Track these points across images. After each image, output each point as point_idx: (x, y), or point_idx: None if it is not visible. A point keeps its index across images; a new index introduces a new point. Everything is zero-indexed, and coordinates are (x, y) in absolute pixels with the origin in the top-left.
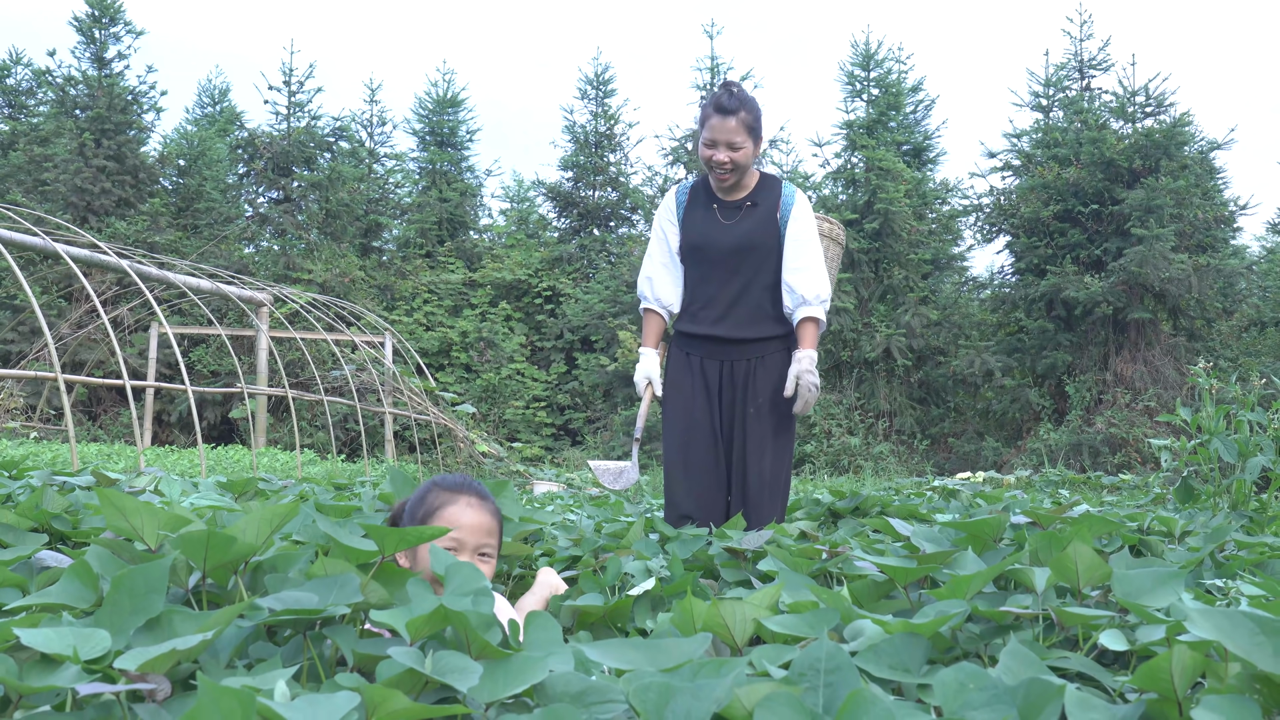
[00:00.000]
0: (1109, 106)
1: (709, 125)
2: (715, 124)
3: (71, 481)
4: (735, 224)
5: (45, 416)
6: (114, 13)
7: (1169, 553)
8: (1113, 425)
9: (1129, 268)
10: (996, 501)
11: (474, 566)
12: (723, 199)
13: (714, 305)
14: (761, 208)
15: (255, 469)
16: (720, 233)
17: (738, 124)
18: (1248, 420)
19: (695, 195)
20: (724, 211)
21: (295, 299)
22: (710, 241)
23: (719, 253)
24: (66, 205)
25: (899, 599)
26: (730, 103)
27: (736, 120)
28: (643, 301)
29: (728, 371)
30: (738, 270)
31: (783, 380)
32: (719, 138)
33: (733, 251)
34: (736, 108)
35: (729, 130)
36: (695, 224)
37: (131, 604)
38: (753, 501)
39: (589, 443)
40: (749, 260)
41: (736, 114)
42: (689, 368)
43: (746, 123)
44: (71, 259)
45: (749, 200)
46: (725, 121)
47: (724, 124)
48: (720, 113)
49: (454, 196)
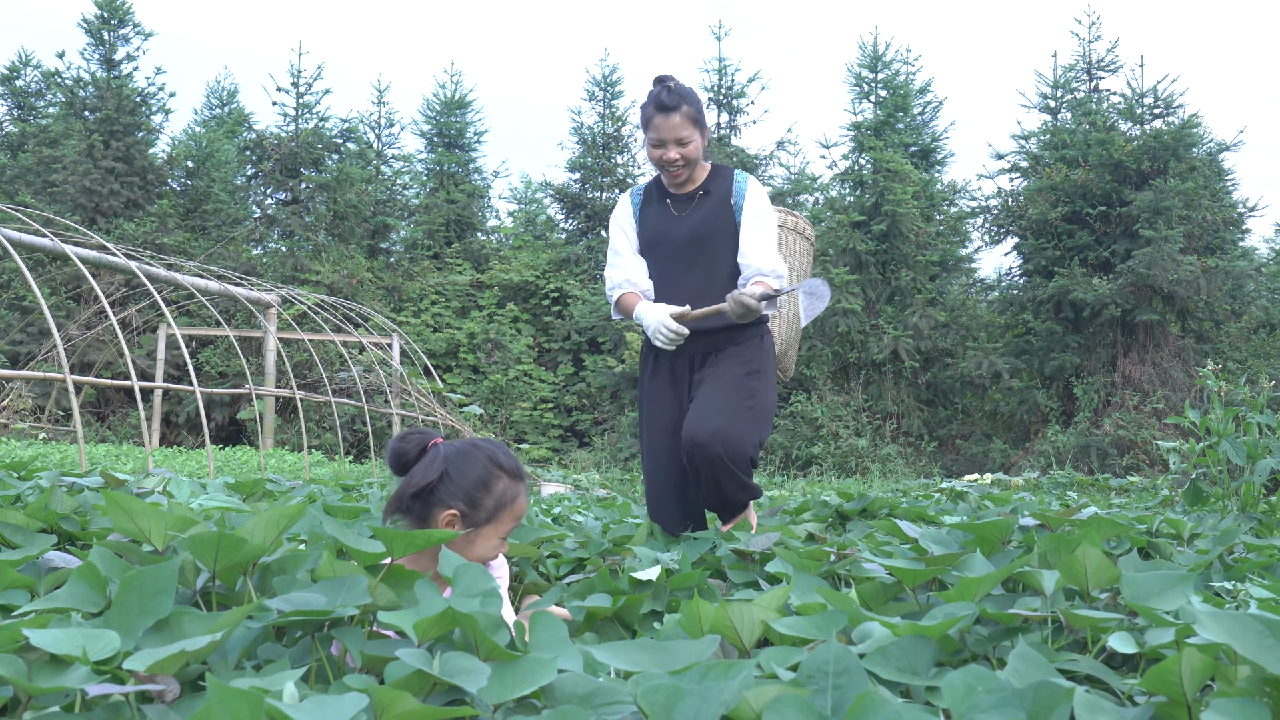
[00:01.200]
0: (1117, 108)
1: (653, 126)
2: (659, 123)
3: (80, 482)
4: (688, 215)
5: (54, 417)
6: (123, 14)
7: (1178, 555)
8: (1121, 427)
9: (1137, 269)
10: (1004, 504)
11: (482, 568)
12: (675, 193)
13: (677, 295)
14: (714, 195)
15: (263, 470)
16: (674, 225)
17: (682, 119)
18: (1257, 422)
19: (649, 195)
20: (677, 205)
21: (303, 300)
22: (665, 234)
23: (675, 245)
24: (75, 206)
25: (907, 601)
26: (671, 99)
27: (680, 115)
28: (616, 290)
29: (692, 361)
30: (696, 261)
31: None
32: (665, 136)
33: (688, 242)
34: (677, 103)
35: (674, 127)
36: (650, 220)
37: (140, 605)
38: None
39: (596, 444)
40: (706, 249)
41: (678, 110)
42: (657, 370)
43: (690, 116)
44: (80, 260)
45: (701, 190)
46: (669, 119)
47: (668, 121)
48: (663, 111)
49: (461, 198)
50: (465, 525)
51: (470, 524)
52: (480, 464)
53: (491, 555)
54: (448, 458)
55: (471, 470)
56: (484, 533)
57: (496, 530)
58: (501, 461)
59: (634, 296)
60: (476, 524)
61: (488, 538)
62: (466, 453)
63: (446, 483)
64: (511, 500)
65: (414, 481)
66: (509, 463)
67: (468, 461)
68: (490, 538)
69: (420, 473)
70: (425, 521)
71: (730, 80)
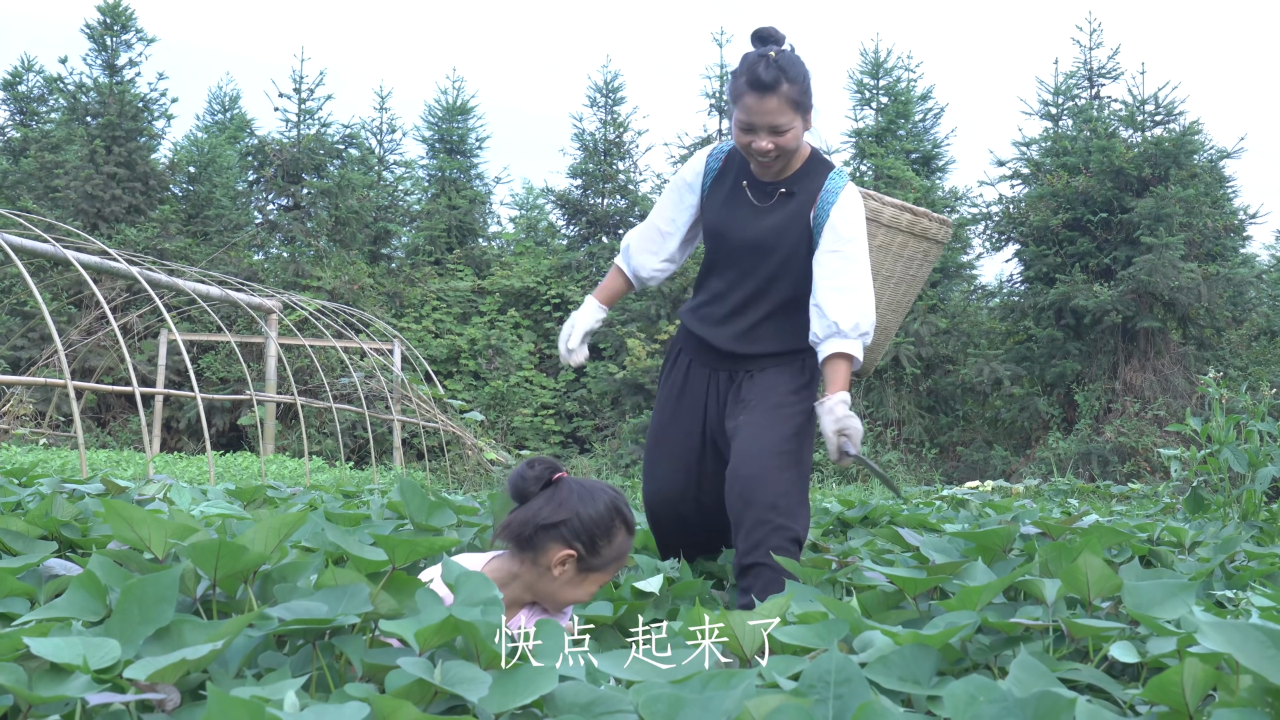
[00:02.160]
0: (1118, 115)
1: (744, 105)
2: (751, 104)
3: (81, 489)
4: (763, 213)
5: (55, 423)
6: (126, 20)
7: (1179, 563)
8: (1122, 434)
9: (1138, 276)
10: (1005, 511)
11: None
12: (756, 176)
13: (722, 301)
14: (797, 200)
15: (264, 476)
16: (741, 221)
17: (780, 102)
18: (1258, 430)
19: (728, 165)
20: (756, 192)
21: (304, 306)
22: (728, 230)
23: (736, 244)
24: (77, 212)
25: (909, 609)
26: (769, 75)
27: (778, 98)
28: (619, 255)
29: (717, 381)
30: (752, 272)
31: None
32: (757, 121)
33: (750, 248)
34: (776, 82)
35: (769, 111)
36: (717, 203)
37: (141, 613)
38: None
39: (597, 450)
40: (768, 262)
41: (777, 90)
42: (676, 366)
43: (791, 98)
44: (81, 265)
45: (784, 188)
46: (764, 101)
47: (762, 104)
48: (757, 90)
49: (463, 204)
50: (580, 568)
51: (585, 568)
52: (606, 511)
53: (583, 600)
54: (579, 497)
55: (598, 516)
56: (591, 579)
57: (600, 579)
58: (624, 513)
59: (612, 279)
60: (590, 568)
61: (591, 584)
62: (595, 496)
63: (574, 522)
64: (623, 554)
65: (540, 515)
66: (629, 516)
67: (595, 505)
68: (593, 584)
69: (546, 507)
70: (538, 553)
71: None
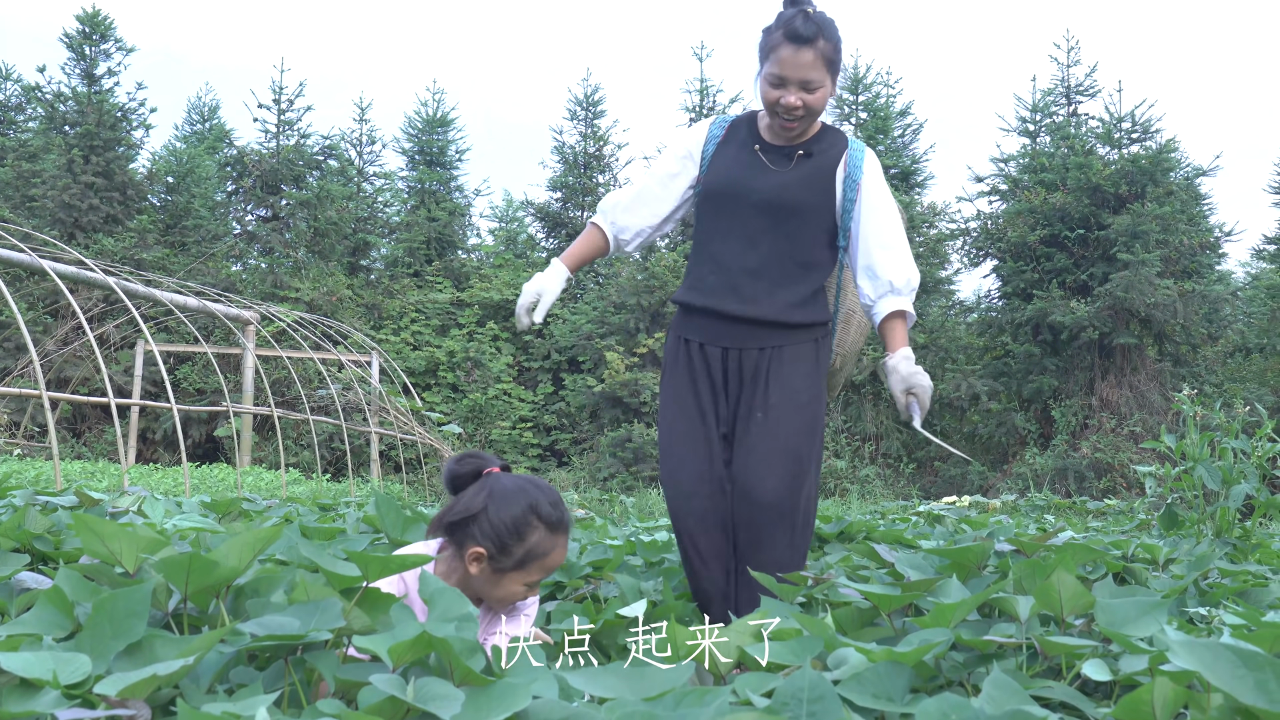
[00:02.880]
0: (1095, 132)
1: (777, 58)
2: (786, 57)
3: (55, 501)
4: (778, 173)
5: (29, 433)
6: (105, 29)
7: (1153, 580)
8: (1098, 450)
9: (1115, 293)
10: (981, 527)
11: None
12: (768, 140)
13: (726, 270)
14: (816, 160)
15: (240, 488)
16: (757, 178)
17: (815, 57)
18: (1232, 448)
19: (734, 131)
20: (770, 156)
21: (282, 317)
22: (742, 186)
23: (750, 203)
24: (54, 221)
25: (883, 626)
26: (807, 28)
27: (814, 52)
28: (598, 214)
29: (734, 363)
30: (767, 231)
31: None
32: (789, 74)
33: (768, 205)
34: (814, 35)
35: (804, 65)
36: (725, 164)
37: (112, 628)
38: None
39: (575, 464)
40: (788, 221)
41: (814, 43)
42: (686, 355)
43: (826, 55)
44: (58, 275)
45: (802, 150)
46: (800, 54)
47: (797, 57)
48: (795, 42)
49: (442, 216)
50: (492, 568)
51: (497, 567)
52: (520, 509)
53: (515, 599)
54: (492, 494)
55: (509, 513)
56: (509, 578)
57: (522, 578)
58: (541, 511)
59: (586, 239)
60: (502, 569)
61: (512, 583)
62: (511, 494)
63: (482, 520)
64: (543, 554)
65: (456, 509)
66: (549, 514)
67: (509, 504)
68: (514, 584)
69: (464, 502)
70: (459, 549)
71: (712, 101)
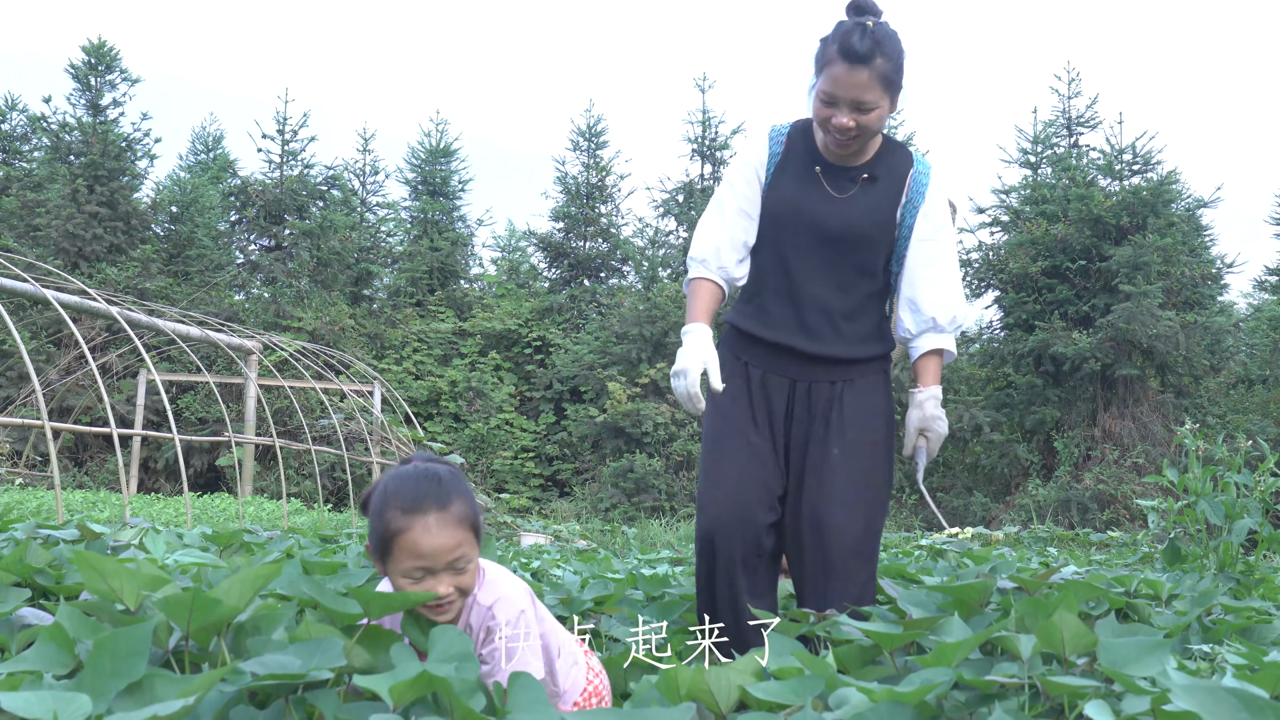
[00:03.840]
0: (1097, 164)
1: (830, 74)
2: (839, 74)
3: (56, 535)
4: (842, 201)
5: (31, 462)
6: (110, 60)
7: (1156, 616)
8: (1101, 482)
9: (1117, 324)
10: (984, 561)
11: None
12: (829, 161)
13: (794, 303)
14: (882, 185)
15: (241, 519)
16: (822, 207)
17: (871, 77)
18: (1234, 482)
19: (792, 148)
20: (831, 179)
21: (284, 347)
22: (806, 216)
23: (815, 235)
24: (58, 251)
25: (885, 665)
26: (864, 46)
27: (870, 72)
28: (693, 268)
29: (802, 395)
30: (834, 263)
31: (879, 412)
32: (842, 93)
33: (837, 237)
34: (871, 54)
35: (858, 85)
36: (789, 188)
37: (113, 667)
38: (839, 570)
39: (577, 494)
40: (853, 252)
41: (870, 63)
42: (744, 379)
43: (883, 74)
44: (61, 305)
45: (865, 172)
46: (854, 73)
47: (851, 76)
48: (849, 60)
49: (445, 246)
50: (379, 562)
51: (380, 560)
52: (377, 493)
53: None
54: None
55: (373, 501)
56: (390, 570)
57: (396, 568)
58: (390, 490)
59: (705, 294)
60: (383, 561)
61: (394, 576)
62: (382, 480)
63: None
64: (395, 535)
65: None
66: (401, 492)
67: (374, 491)
68: (395, 576)
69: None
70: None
71: (714, 132)
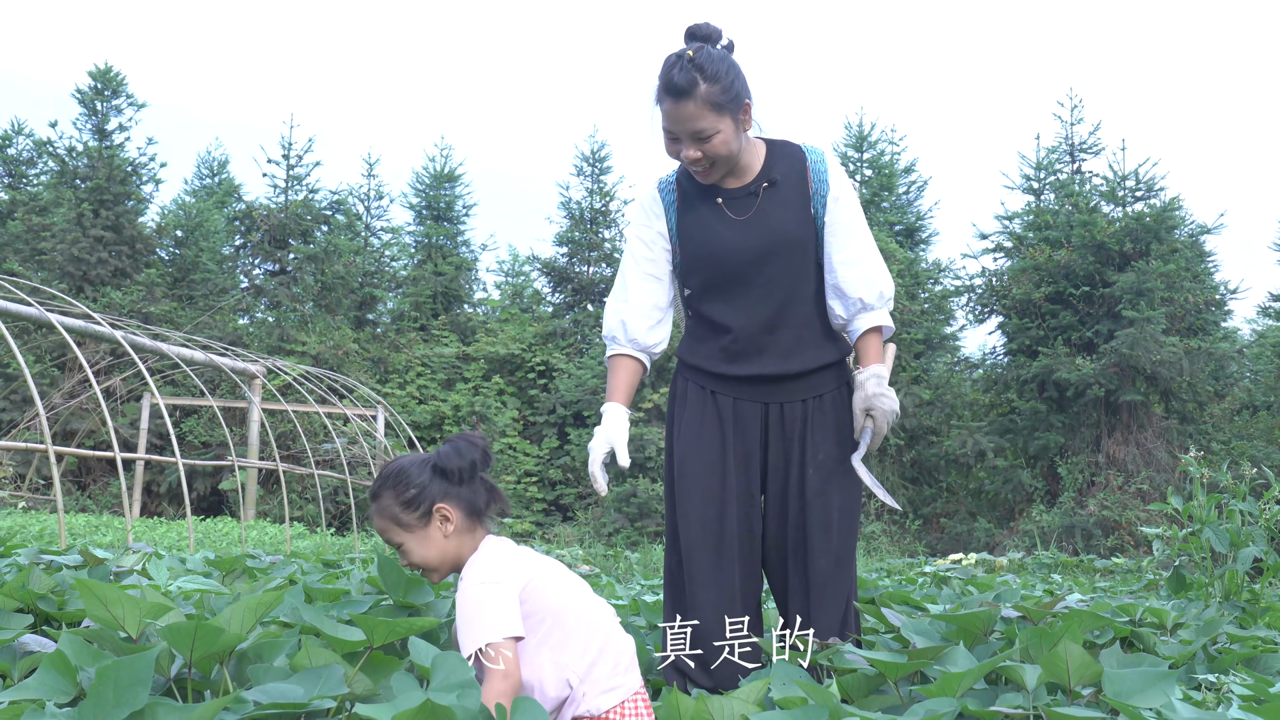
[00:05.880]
0: (1099, 190)
1: (663, 112)
2: (669, 111)
3: (59, 560)
4: (753, 219)
5: (34, 485)
6: (117, 85)
7: (1161, 645)
8: (1105, 508)
9: (1120, 350)
10: (988, 589)
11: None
12: (726, 189)
13: (747, 339)
14: (784, 186)
15: (244, 543)
16: (736, 235)
17: (698, 106)
18: (1239, 510)
19: (685, 190)
20: (733, 205)
21: (288, 371)
22: (724, 249)
23: (740, 264)
24: (63, 274)
25: (889, 694)
26: (683, 78)
27: (694, 102)
28: (611, 345)
29: (775, 418)
30: (773, 282)
31: (846, 428)
32: (676, 128)
33: (760, 259)
34: (692, 84)
35: (688, 118)
36: (696, 230)
37: (115, 696)
38: (818, 584)
39: (580, 519)
40: (787, 265)
41: (693, 93)
42: (715, 411)
43: (710, 99)
44: (65, 329)
45: (763, 181)
46: (681, 107)
47: (679, 110)
48: (673, 95)
49: (449, 270)
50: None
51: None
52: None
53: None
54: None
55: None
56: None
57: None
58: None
59: (622, 371)
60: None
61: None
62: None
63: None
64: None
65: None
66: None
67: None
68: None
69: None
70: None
71: None
